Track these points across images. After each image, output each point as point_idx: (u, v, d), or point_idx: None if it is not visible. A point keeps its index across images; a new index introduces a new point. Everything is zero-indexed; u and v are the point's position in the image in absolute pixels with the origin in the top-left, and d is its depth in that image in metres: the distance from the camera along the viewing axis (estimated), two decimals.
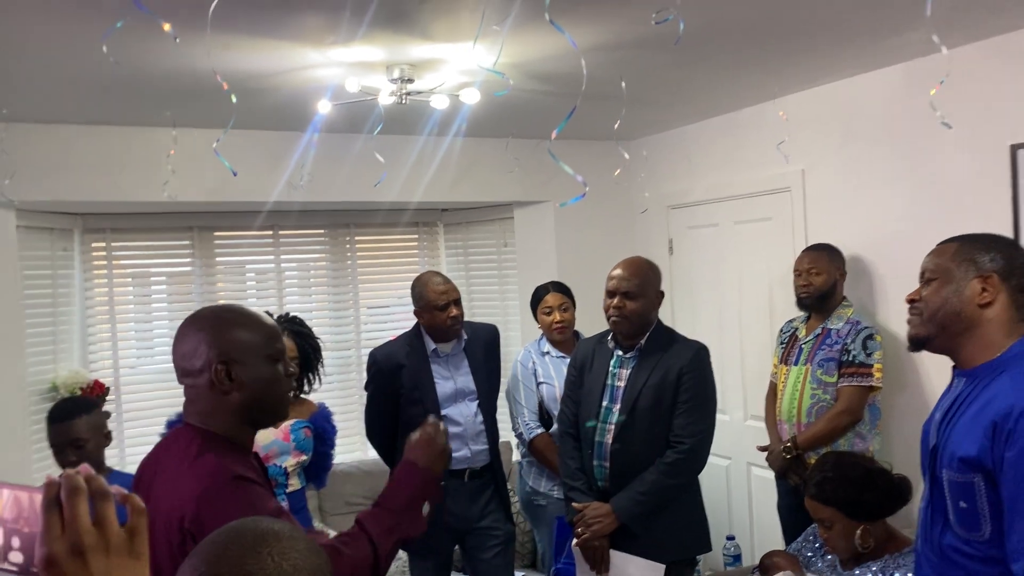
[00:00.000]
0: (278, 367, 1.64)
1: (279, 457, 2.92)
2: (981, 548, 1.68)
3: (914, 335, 1.82)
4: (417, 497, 1.72)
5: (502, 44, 2.61)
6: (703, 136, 4.38)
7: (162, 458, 1.62)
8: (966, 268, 1.75)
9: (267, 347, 1.62)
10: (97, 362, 4.30)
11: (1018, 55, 2.91)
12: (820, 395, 3.27)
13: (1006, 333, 1.72)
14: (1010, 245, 1.79)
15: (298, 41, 2.68)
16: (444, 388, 3.24)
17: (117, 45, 2.48)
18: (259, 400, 1.60)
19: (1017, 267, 1.75)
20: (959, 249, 1.78)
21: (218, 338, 1.58)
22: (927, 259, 1.83)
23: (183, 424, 1.64)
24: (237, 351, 1.58)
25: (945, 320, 1.76)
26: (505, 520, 3.33)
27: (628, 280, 2.81)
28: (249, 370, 1.58)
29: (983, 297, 1.72)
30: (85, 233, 4.31)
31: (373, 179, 3.87)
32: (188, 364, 1.59)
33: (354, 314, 4.93)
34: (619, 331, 2.87)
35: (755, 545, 4.09)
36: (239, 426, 1.61)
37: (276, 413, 1.66)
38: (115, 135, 3.82)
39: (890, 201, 3.41)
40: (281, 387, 1.65)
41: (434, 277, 3.24)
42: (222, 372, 1.56)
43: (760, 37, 2.87)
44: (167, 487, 1.53)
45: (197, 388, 1.60)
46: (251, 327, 1.62)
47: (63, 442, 2.79)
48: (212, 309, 1.70)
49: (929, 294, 1.78)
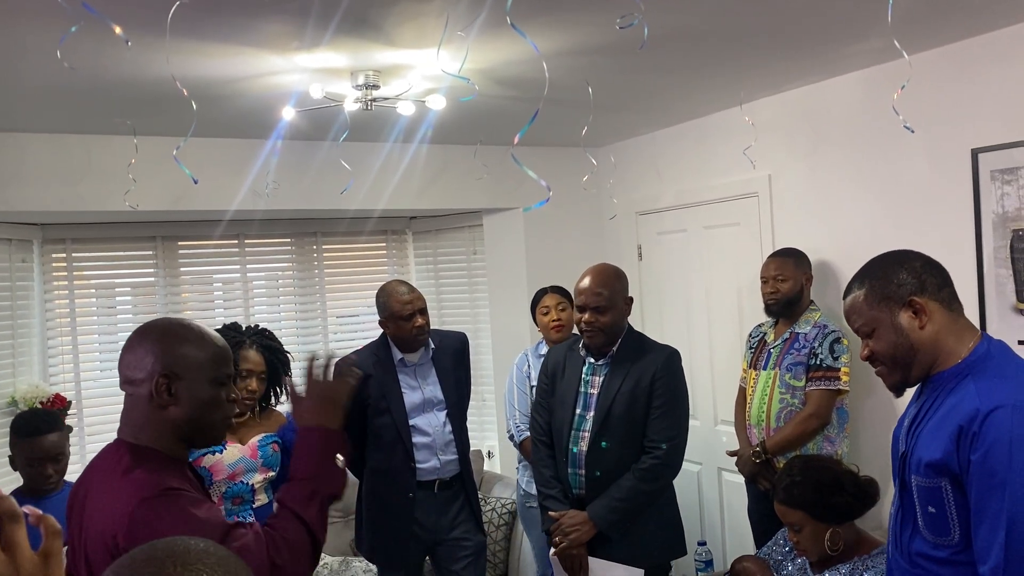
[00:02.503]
0: (221, 392, 1.62)
1: (246, 475, 2.87)
2: (950, 552, 1.69)
3: (892, 384, 1.84)
4: (323, 457, 1.68)
5: (467, 50, 2.60)
6: (671, 142, 4.40)
7: (93, 476, 1.59)
8: (887, 307, 1.76)
9: (213, 369, 1.60)
10: (58, 375, 4.21)
11: (978, 60, 2.95)
12: (789, 399, 3.29)
13: (958, 337, 1.74)
14: (897, 260, 1.80)
15: (261, 47, 2.64)
16: (412, 398, 3.20)
17: (74, 51, 2.43)
18: (195, 420, 1.58)
19: (922, 275, 1.76)
20: (868, 295, 1.79)
21: (165, 352, 1.56)
22: (850, 315, 1.85)
23: (115, 440, 1.61)
24: (182, 367, 1.56)
25: (905, 359, 1.77)
26: (476, 531, 3.30)
27: (597, 295, 2.78)
28: (191, 388, 1.57)
29: (920, 322, 1.74)
30: (45, 244, 4.22)
31: (339, 186, 3.83)
32: (131, 373, 1.58)
33: (322, 323, 4.87)
34: (593, 344, 2.86)
35: (726, 550, 4.10)
36: (174, 441, 1.59)
37: (211, 436, 1.64)
38: (75, 143, 3.75)
39: (855, 205, 3.44)
40: (220, 411, 1.62)
41: (399, 287, 3.20)
42: (163, 385, 1.55)
43: (725, 43, 2.89)
44: (98, 505, 1.50)
45: (135, 398, 1.58)
46: (201, 346, 1.60)
47: (41, 457, 2.75)
48: (166, 321, 1.67)
49: (877, 346, 1.80)
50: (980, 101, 2.96)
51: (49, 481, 2.80)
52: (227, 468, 2.82)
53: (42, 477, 2.79)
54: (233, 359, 1.69)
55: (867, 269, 1.84)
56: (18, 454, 2.82)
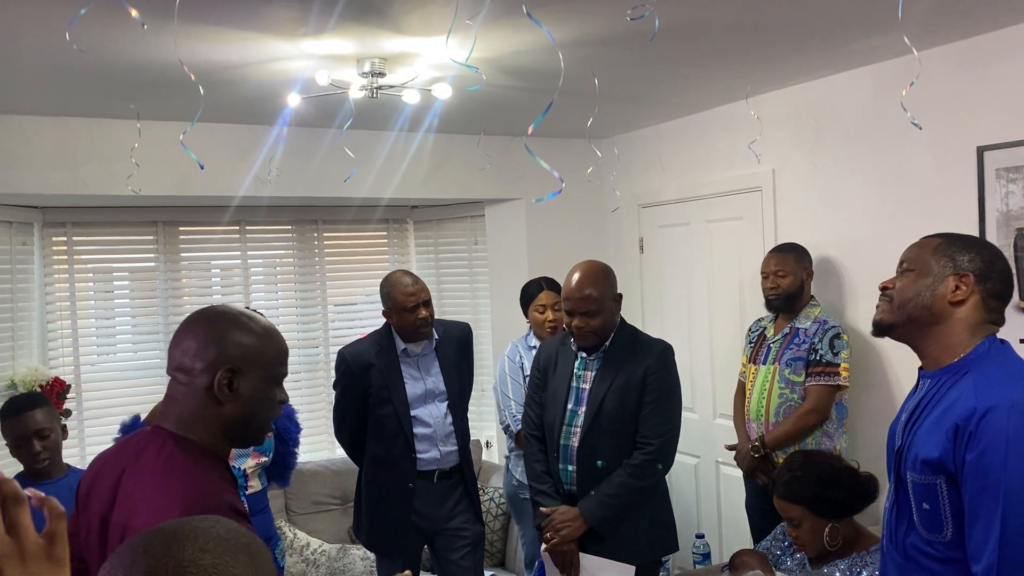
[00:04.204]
0: (276, 392, 1.55)
1: (238, 459, 2.87)
2: (943, 549, 1.69)
3: (879, 320, 1.83)
4: None
5: (475, 38, 2.59)
6: (675, 135, 4.39)
7: (128, 464, 1.49)
8: (944, 264, 1.75)
9: (274, 368, 1.54)
10: (57, 359, 4.21)
11: (986, 58, 2.95)
12: (788, 394, 3.29)
13: (971, 333, 1.73)
14: (992, 250, 1.79)
15: (268, 32, 2.63)
16: (414, 389, 3.20)
17: (82, 33, 2.42)
18: (248, 418, 1.50)
19: (995, 272, 1.75)
20: (941, 245, 1.78)
21: (230, 342, 1.48)
22: (908, 250, 1.84)
23: (154, 428, 1.52)
24: (246, 362, 1.48)
25: (914, 312, 1.76)
26: (475, 521, 3.30)
27: (585, 300, 2.73)
28: (251, 386, 1.49)
29: (956, 295, 1.73)
30: (45, 227, 4.20)
31: (342, 174, 3.82)
32: (189, 361, 1.47)
33: (322, 312, 4.87)
34: (587, 347, 2.83)
35: (724, 543, 4.11)
36: (220, 439, 1.50)
37: (256, 436, 1.56)
38: (78, 127, 3.73)
39: (859, 201, 3.43)
40: (271, 412, 1.55)
41: (403, 277, 3.18)
42: (226, 379, 1.46)
43: (734, 36, 2.88)
44: (145, 498, 1.40)
45: (190, 388, 1.47)
46: (267, 342, 1.52)
47: (26, 434, 2.73)
48: (232, 311, 1.55)
49: (903, 284, 1.79)
50: (987, 98, 2.95)
51: (39, 459, 2.73)
52: None
53: (30, 455, 2.73)
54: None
55: (962, 235, 1.83)
56: (7, 437, 2.80)
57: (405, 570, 3.20)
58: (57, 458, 2.81)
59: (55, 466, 2.80)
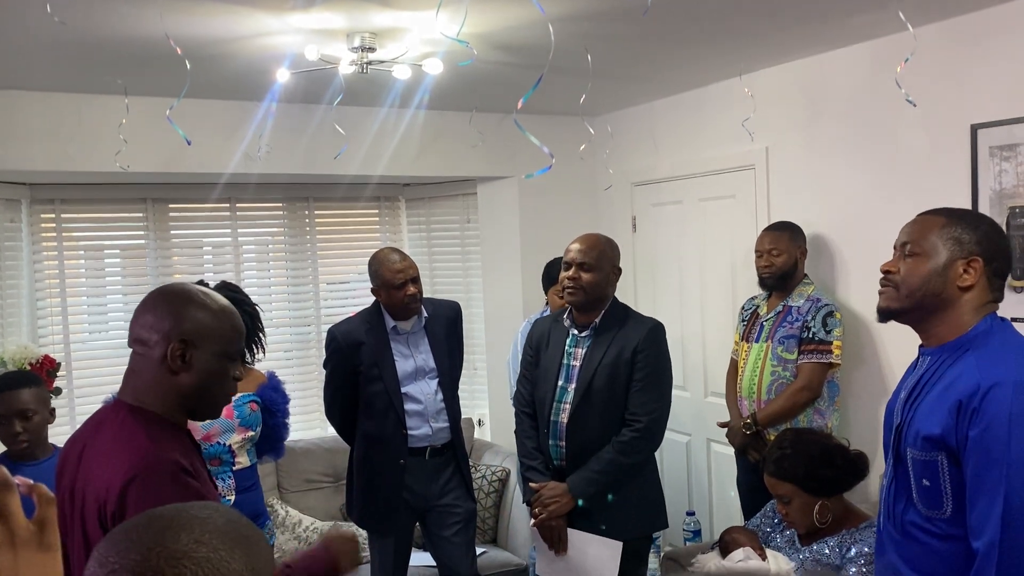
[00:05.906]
0: (229, 367, 1.62)
1: (223, 435, 2.83)
2: (942, 525, 1.69)
3: (886, 307, 1.79)
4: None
5: (466, 12, 2.55)
6: (668, 113, 4.36)
7: (90, 436, 1.56)
8: (951, 248, 1.72)
9: (227, 343, 1.60)
10: (46, 336, 4.18)
11: (981, 36, 2.93)
12: (780, 372, 3.29)
13: (975, 314, 1.72)
14: (994, 228, 1.78)
15: (255, 6, 2.59)
16: (404, 366, 3.20)
17: (67, 5, 2.38)
18: (201, 390, 1.57)
19: (999, 251, 1.74)
20: (946, 225, 1.74)
21: (184, 317, 1.55)
22: (910, 230, 1.78)
23: (115, 401, 1.59)
24: (198, 336, 1.55)
25: (924, 299, 1.73)
26: (466, 498, 3.31)
27: (584, 252, 2.80)
28: (203, 359, 1.56)
29: (964, 280, 1.71)
30: (33, 204, 4.17)
31: (333, 151, 3.79)
32: (146, 334, 1.55)
33: (313, 290, 4.85)
34: (573, 303, 2.84)
35: (715, 521, 4.13)
36: (176, 409, 1.58)
37: (212, 409, 1.64)
38: (65, 102, 3.69)
39: (852, 179, 3.42)
40: (224, 387, 1.63)
41: (391, 255, 3.17)
42: (178, 351, 1.53)
43: (727, 12, 2.85)
44: (94, 467, 1.48)
45: (145, 359, 1.55)
46: (221, 319, 1.59)
47: (10, 413, 2.70)
48: (189, 288, 1.64)
49: (909, 269, 1.75)
50: (981, 76, 2.94)
51: (17, 439, 2.68)
52: (201, 429, 2.74)
53: (9, 435, 2.69)
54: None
55: (961, 210, 1.80)
56: None
57: (397, 547, 3.22)
58: (40, 439, 2.77)
59: (40, 447, 2.76)
